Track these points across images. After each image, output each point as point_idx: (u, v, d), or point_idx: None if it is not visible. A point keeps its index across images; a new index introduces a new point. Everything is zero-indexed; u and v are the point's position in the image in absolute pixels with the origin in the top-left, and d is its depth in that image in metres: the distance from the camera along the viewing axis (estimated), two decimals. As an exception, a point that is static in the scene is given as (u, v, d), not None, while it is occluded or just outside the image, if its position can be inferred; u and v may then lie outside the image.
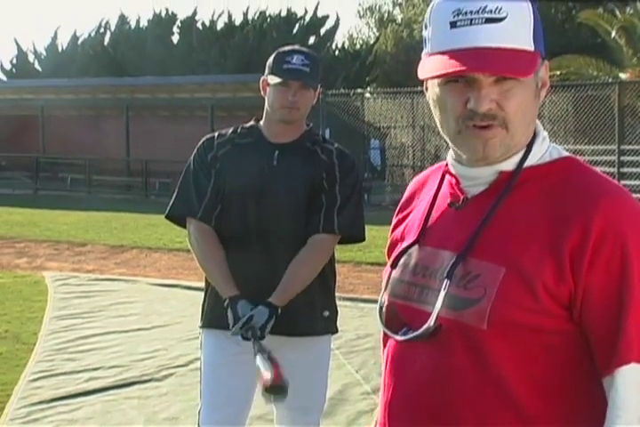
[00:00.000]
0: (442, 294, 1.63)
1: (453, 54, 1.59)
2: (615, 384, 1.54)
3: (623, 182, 16.67)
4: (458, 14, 1.59)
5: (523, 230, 1.61)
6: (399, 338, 1.70)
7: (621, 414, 1.53)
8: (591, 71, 21.67)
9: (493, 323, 1.58)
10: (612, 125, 17.19)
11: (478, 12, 1.58)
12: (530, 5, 1.63)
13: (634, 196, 1.67)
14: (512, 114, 1.61)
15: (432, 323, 1.63)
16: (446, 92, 1.63)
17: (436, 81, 1.65)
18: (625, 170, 17.13)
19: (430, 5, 1.68)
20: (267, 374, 2.71)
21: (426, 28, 1.68)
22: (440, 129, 1.69)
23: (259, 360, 2.82)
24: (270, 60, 3.45)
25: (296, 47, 3.48)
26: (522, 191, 1.66)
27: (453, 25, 1.60)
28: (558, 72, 21.71)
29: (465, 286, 1.62)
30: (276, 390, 2.69)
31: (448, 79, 1.62)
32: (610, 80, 19.75)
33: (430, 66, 1.63)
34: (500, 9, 1.58)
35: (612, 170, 16.91)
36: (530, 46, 1.62)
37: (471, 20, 1.58)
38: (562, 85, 19.26)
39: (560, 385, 1.60)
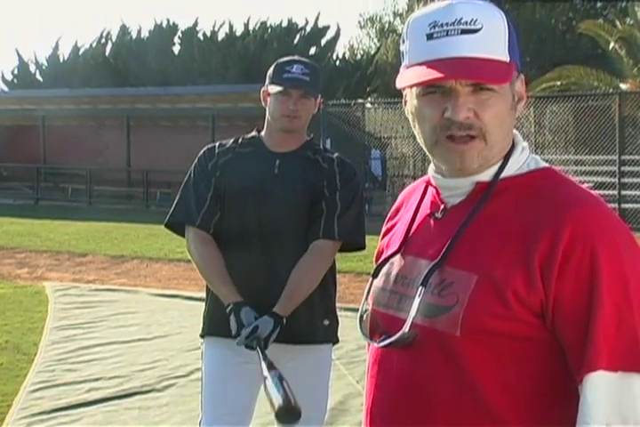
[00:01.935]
0: (416, 300, 1.66)
1: (431, 64, 1.62)
2: (584, 391, 1.55)
3: (624, 193, 16.69)
4: (434, 26, 1.63)
5: (496, 239, 1.64)
6: (376, 345, 1.75)
7: (589, 421, 1.54)
8: (592, 82, 21.70)
9: (466, 329, 1.60)
10: (613, 136, 17.19)
11: (454, 23, 1.62)
12: (504, 19, 1.66)
13: (635, 206, 1.68)
14: (489, 124, 1.64)
15: (407, 329, 1.66)
16: (424, 103, 1.67)
17: (414, 93, 1.69)
18: (626, 180, 17.12)
19: (407, 20, 1.72)
20: (278, 399, 2.61)
21: (403, 42, 1.72)
22: (419, 141, 1.72)
23: (269, 383, 2.76)
24: (270, 70, 3.47)
25: (295, 57, 3.50)
26: (498, 201, 1.68)
27: (430, 37, 1.63)
28: (559, 82, 21.78)
29: (439, 293, 1.66)
30: (290, 413, 2.57)
31: (426, 91, 1.65)
32: (610, 91, 19.78)
33: (408, 76, 1.66)
34: (476, 21, 1.62)
35: (612, 180, 16.92)
36: (505, 57, 1.64)
37: (447, 31, 1.62)
38: (562, 96, 19.30)
39: (535, 393, 1.61)
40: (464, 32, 1.61)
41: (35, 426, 5.32)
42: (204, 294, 3.63)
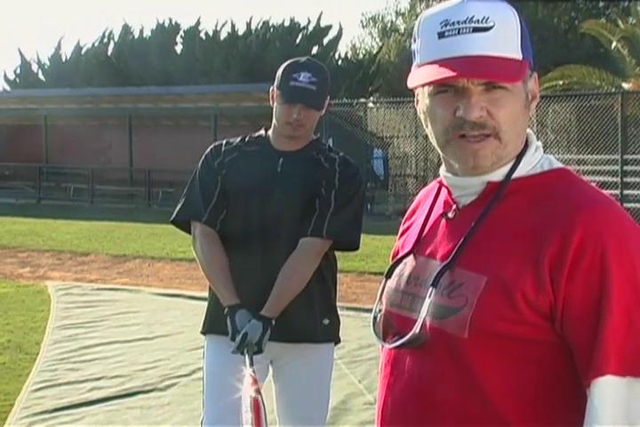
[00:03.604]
0: (426, 301, 1.66)
1: (443, 63, 1.60)
2: (591, 396, 1.53)
3: (626, 192, 16.67)
4: (445, 25, 1.61)
5: (507, 241, 1.62)
6: (388, 346, 1.74)
7: (595, 425, 1.52)
8: (594, 81, 21.67)
9: (474, 332, 1.59)
10: (615, 135, 17.18)
11: (466, 21, 1.60)
12: (516, 16, 1.64)
13: (637, 205, 1.67)
14: (503, 123, 1.62)
15: (417, 330, 1.66)
16: (436, 102, 1.65)
17: (426, 93, 1.67)
18: (628, 180, 17.10)
19: (418, 19, 1.70)
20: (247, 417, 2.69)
21: (414, 41, 1.70)
22: (431, 141, 1.71)
23: (243, 399, 2.82)
24: (279, 71, 3.42)
25: (305, 62, 3.42)
26: (510, 202, 1.67)
27: (441, 35, 1.62)
28: (561, 82, 21.74)
29: (449, 294, 1.64)
30: None
31: (438, 89, 1.64)
32: (613, 90, 19.76)
33: (420, 75, 1.65)
34: (488, 18, 1.60)
35: (615, 180, 16.90)
36: (518, 55, 1.63)
37: (459, 29, 1.60)
38: (565, 95, 19.28)
39: (542, 396, 1.59)
40: (476, 30, 1.59)
41: (37, 425, 5.32)
42: (206, 294, 3.63)
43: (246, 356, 3.12)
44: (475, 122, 1.61)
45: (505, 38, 1.61)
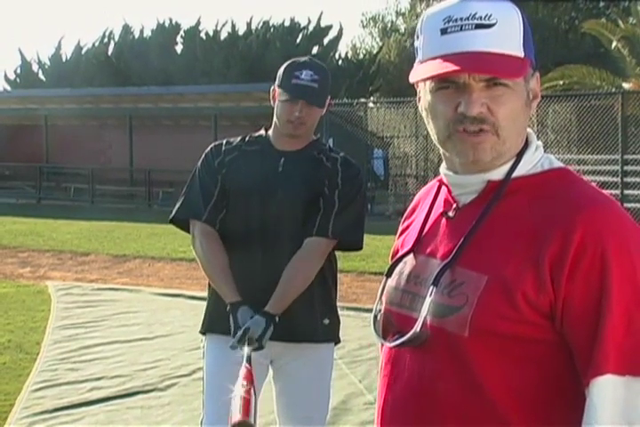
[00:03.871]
0: (427, 300, 1.66)
1: (445, 58, 1.61)
2: (590, 395, 1.53)
3: (627, 192, 16.66)
4: (448, 21, 1.62)
5: (508, 240, 1.63)
6: (388, 344, 1.74)
7: (593, 423, 1.52)
8: (594, 81, 21.66)
9: (474, 330, 1.59)
10: (616, 135, 17.17)
11: (468, 18, 1.61)
12: (519, 14, 1.65)
13: (638, 205, 1.66)
14: (502, 120, 1.63)
15: (418, 329, 1.66)
16: (437, 98, 1.66)
17: (427, 89, 1.68)
18: (628, 179, 17.10)
19: (421, 16, 1.71)
20: (235, 414, 2.68)
21: (417, 38, 1.71)
22: (432, 136, 1.72)
23: (234, 393, 2.81)
24: (281, 70, 3.43)
25: (307, 60, 3.43)
26: (510, 201, 1.67)
27: (444, 31, 1.63)
28: (561, 82, 21.73)
29: (449, 293, 1.65)
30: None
31: (439, 86, 1.64)
32: (613, 90, 19.76)
33: (422, 70, 1.66)
34: (490, 15, 1.61)
35: (615, 179, 16.89)
36: (520, 53, 1.64)
37: (461, 26, 1.61)
38: (565, 95, 19.28)
39: (542, 395, 1.59)
40: (478, 27, 1.60)
41: (37, 425, 5.32)
42: (206, 294, 3.62)
43: (245, 349, 3.11)
44: (475, 117, 1.61)
45: (507, 35, 1.62)
